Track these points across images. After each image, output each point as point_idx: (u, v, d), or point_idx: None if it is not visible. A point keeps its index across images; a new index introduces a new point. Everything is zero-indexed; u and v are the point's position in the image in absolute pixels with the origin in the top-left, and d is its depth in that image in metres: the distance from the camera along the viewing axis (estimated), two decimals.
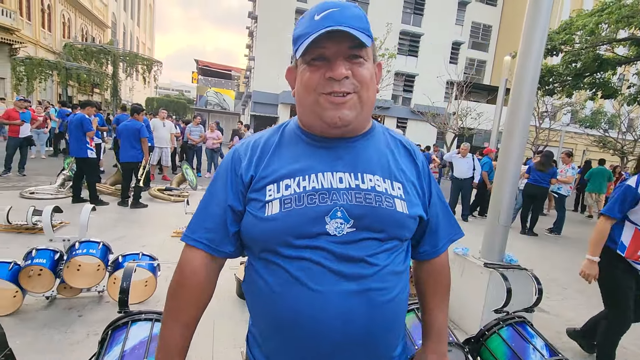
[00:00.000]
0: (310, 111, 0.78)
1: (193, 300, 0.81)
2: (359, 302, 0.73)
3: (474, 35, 27.42)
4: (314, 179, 0.77)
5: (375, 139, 0.85)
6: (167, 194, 6.57)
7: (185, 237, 0.82)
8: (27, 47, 20.04)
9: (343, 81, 0.72)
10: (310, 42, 0.70)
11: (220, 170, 0.84)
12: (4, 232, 3.97)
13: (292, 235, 0.74)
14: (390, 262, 0.78)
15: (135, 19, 41.78)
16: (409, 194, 0.82)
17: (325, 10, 0.72)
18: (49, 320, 2.43)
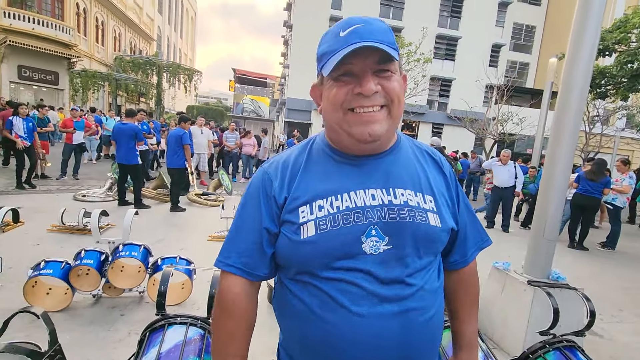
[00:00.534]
0: (339, 127, 0.76)
1: (240, 329, 0.80)
2: (398, 323, 0.72)
3: (516, 37, 26.20)
4: (347, 198, 0.75)
5: (403, 152, 0.84)
6: (204, 199, 6.81)
7: (219, 262, 0.81)
8: (82, 60, 21.82)
9: (373, 97, 0.71)
10: (337, 62, 0.69)
11: (251, 193, 0.82)
12: (59, 232, 4.30)
13: (330, 257, 0.73)
14: (427, 279, 0.77)
15: (178, 32, 44.22)
16: (440, 207, 0.81)
17: (350, 27, 0.71)
18: (94, 318, 2.58)
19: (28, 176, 6.56)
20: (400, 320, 0.73)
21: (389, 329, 0.72)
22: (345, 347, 0.72)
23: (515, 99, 19.37)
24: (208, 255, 4.00)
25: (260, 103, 31.83)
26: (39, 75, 19.85)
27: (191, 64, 48.70)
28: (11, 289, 2.76)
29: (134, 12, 29.26)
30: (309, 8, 22.79)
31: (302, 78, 23.27)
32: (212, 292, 1.91)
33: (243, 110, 31.10)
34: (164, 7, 37.95)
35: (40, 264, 2.54)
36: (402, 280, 0.74)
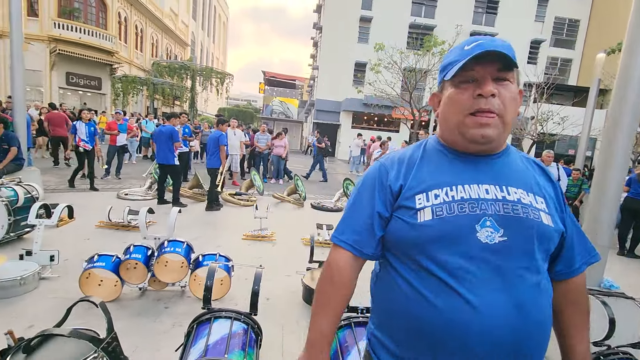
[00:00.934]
0: (456, 129, 0.84)
1: (344, 295, 0.90)
2: (516, 315, 0.75)
3: (558, 32, 24.85)
4: (461, 189, 0.82)
5: (511, 158, 0.90)
6: (237, 199, 6.99)
7: (334, 237, 0.92)
8: (123, 66, 23.08)
9: (490, 99, 0.78)
10: (461, 66, 0.79)
11: (366, 181, 0.92)
12: (106, 228, 4.57)
13: (445, 241, 0.78)
14: (541, 276, 0.80)
15: (211, 36, 45.70)
16: (551, 209, 0.84)
17: (476, 42, 0.81)
18: (141, 309, 2.72)
19: (90, 179, 6.86)
20: (519, 313, 0.75)
21: (507, 321, 0.74)
22: (456, 333, 0.75)
23: (556, 97, 18.38)
24: (243, 254, 4.13)
25: (289, 104, 32.23)
26: (84, 81, 21.21)
27: (223, 67, 50.14)
28: (67, 280, 2.97)
29: (170, 19, 30.56)
30: (339, 9, 22.81)
31: (331, 79, 23.35)
32: (255, 288, 1.97)
33: (272, 112, 31.62)
34: (197, 13, 39.36)
35: (94, 257, 2.72)
36: (517, 272, 0.77)
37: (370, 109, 20.53)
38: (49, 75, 19.59)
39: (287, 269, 3.73)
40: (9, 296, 2.68)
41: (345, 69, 23.13)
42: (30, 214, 3.24)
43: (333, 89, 23.26)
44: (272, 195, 7.63)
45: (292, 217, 6.36)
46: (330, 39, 23.30)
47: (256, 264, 3.55)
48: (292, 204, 7.25)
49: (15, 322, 2.40)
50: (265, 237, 4.79)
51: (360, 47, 22.77)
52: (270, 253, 4.30)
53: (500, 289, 0.75)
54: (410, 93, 14.75)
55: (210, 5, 44.23)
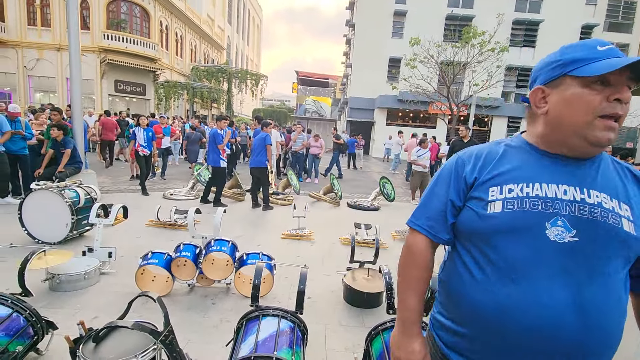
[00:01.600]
0: (577, 130, 0.82)
1: (422, 274, 0.97)
2: (574, 313, 0.76)
3: (612, 15, 22.86)
4: (538, 187, 0.83)
5: (603, 163, 0.89)
6: (275, 198, 7.13)
7: (411, 222, 1.00)
8: (165, 72, 24.32)
9: (624, 105, 0.80)
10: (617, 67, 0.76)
11: (443, 172, 0.98)
12: (155, 227, 4.85)
13: (512, 233, 0.81)
14: (613, 282, 0.79)
15: (245, 39, 46.92)
16: (637, 217, 0.83)
17: (607, 45, 0.82)
18: (191, 305, 2.86)
19: (142, 184, 7.02)
20: (578, 311, 0.76)
21: (564, 317, 0.76)
22: (515, 322, 0.78)
23: None
24: (282, 252, 4.21)
25: (322, 103, 32.35)
26: (130, 88, 22.63)
27: (257, 69, 51.33)
28: (124, 275, 3.19)
29: (207, 25, 31.73)
30: (372, 4, 22.48)
31: (365, 76, 23.10)
32: (301, 288, 2.00)
33: (306, 111, 31.91)
34: (232, 18, 40.56)
35: (148, 254, 2.90)
36: (585, 274, 0.77)
37: (406, 105, 20.08)
38: (100, 83, 21.10)
39: (326, 269, 3.75)
40: (75, 289, 2.92)
41: (379, 65, 22.78)
42: (91, 214, 3.52)
43: (367, 86, 23.01)
44: (308, 195, 7.70)
45: (329, 216, 6.39)
46: (364, 36, 23.04)
47: (295, 262, 3.62)
48: (328, 203, 7.28)
49: (81, 313, 2.61)
50: (304, 236, 4.85)
51: (394, 43, 22.32)
52: (308, 252, 4.35)
53: (562, 286, 0.76)
54: (448, 87, 14.25)
55: (245, 8, 45.39)
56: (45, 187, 3.91)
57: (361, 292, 2.94)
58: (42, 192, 3.89)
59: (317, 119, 31.14)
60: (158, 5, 23.40)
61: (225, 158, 6.39)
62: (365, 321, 2.78)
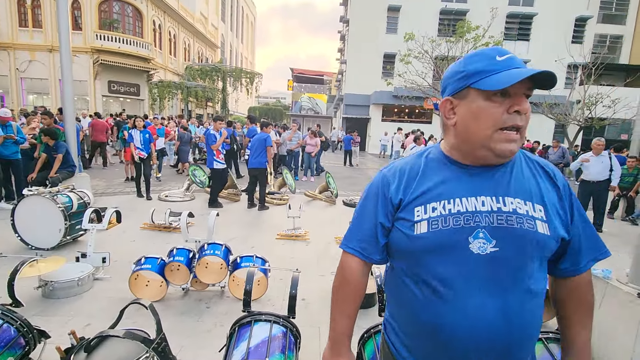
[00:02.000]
0: (481, 142, 0.83)
1: (353, 296, 1.00)
2: (499, 319, 0.80)
3: (606, 7, 22.85)
4: (459, 202, 0.85)
5: (516, 165, 0.90)
6: (270, 198, 7.12)
7: (343, 245, 1.01)
8: (158, 72, 24.15)
9: (522, 115, 0.82)
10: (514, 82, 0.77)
11: (370, 191, 0.98)
12: (150, 230, 4.84)
13: (440, 252, 0.84)
14: (530, 282, 0.83)
15: (239, 37, 46.64)
16: (550, 216, 0.86)
17: (506, 55, 0.83)
18: (185, 309, 2.86)
19: (139, 186, 6.85)
20: (503, 317, 0.80)
21: (491, 325, 0.80)
22: (449, 335, 0.82)
23: (605, 78, 16.95)
24: (277, 253, 4.21)
25: (318, 100, 32.27)
26: (124, 88, 22.48)
27: (251, 67, 51.09)
28: (117, 280, 3.18)
29: (201, 23, 31.51)
30: (366, 1, 22.38)
31: (360, 73, 23.05)
32: (292, 292, 2.00)
33: (301, 109, 31.82)
34: (226, 16, 40.29)
35: (141, 259, 2.89)
36: (506, 280, 0.81)
37: (401, 101, 20.07)
38: (93, 84, 20.95)
39: (321, 269, 3.76)
40: (68, 296, 2.91)
41: (374, 61, 22.72)
42: (84, 219, 3.50)
43: (362, 83, 22.96)
44: (304, 194, 7.70)
45: (324, 214, 6.39)
46: (358, 32, 22.96)
47: (290, 264, 3.62)
48: (324, 202, 7.28)
49: (74, 320, 2.61)
50: (299, 236, 4.85)
51: (388, 38, 22.26)
52: (304, 252, 4.36)
53: (488, 296, 0.80)
54: None
55: (238, 6, 45.09)
56: (37, 192, 3.88)
57: None
58: (35, 198, 3.86)
59: (313, 116, 31.10)
60: (151, 4, 23.20)
61: (221, 159, 6.35)
62: (359, 322, 2.74)
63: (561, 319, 0.98)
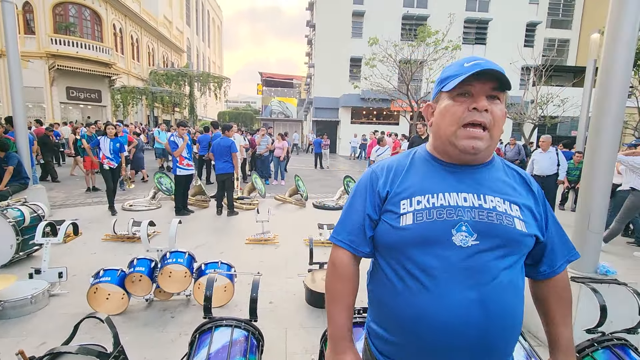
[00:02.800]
0: (448, 139, 0.91)
1: (348, 287, 1.00)
2: (479, 310, 0.83)
3: (553, 13, 24.52)
4: (442, 197, 0.90)
5: (495, 169, 0.97)
6: (240, 203, 7.06)
7: (332, 237, 1.04)
8: (121, 77, 23.25)
9: (483, 113, 0.87)
10: (462, 79, 0.85)
11: (359, 187, 1.02)
12: (112, 241, 4.66)
13: (423, 243, 0.87)
14: (509, 276, 0.88)
15: (206, 41, 45.75)
16: (526, 216, 0.92)
17: (474, 60, 0.88)
18: (148, 320, 2.80)
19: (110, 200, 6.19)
20: (481, 307, 0.83)
21: (470, 314, 0.83)
22: (430, 326, 0.85)
23: (555, 79, 18.18)
24: (247, 258, 4.20)
25: (288, 104, 32.24)
26: (84, 95, 21.43)
27: (219, 71, 50.25)
28: (76, 296, 3.06)
29: (165, 27, 30.66)
30: (331, 5, 22.71)
31: (328, 76, 23.30)
32: (253, 295, 2.02)
33: (271, 112, 31.66)
34: (191, 19, 39.43)
35: (100, 272, 2.80)
36: (486, 272, 0.85)
37: (369, 104, 20.48)
38: (50, 91, 19.82)
39: (289, 272, 3.79)
40: (21, 315, 2.77)
41: (341, 65, 23.06)
42: (37, 233, 3.33)
43: (330, 86, 23.22)
44: (274, 197, 7.69)
45: (294, 218, 6.42)
46: (324, 36, 23.22)
47: (259, 268, 3.63)
48: (294, 205, 7.31)
49: (27, 340, 2.48)
50: (268, 240, 4.85)
51: (354, 42, 22.68)
52: (273, 256, 4.37)
53: (468, 287, 0.84)
54: (407, 85, 14.69)
55: (204, 10, 44.27)
56: None
57: (321, 293, 3.00)
58: None
59: (284, 120, 31.03)
60: (110, 8, 22.33)
61: (185, 165, 6.22)
62: (325, 322, 2.84)
63: (545, 319, 1.04)
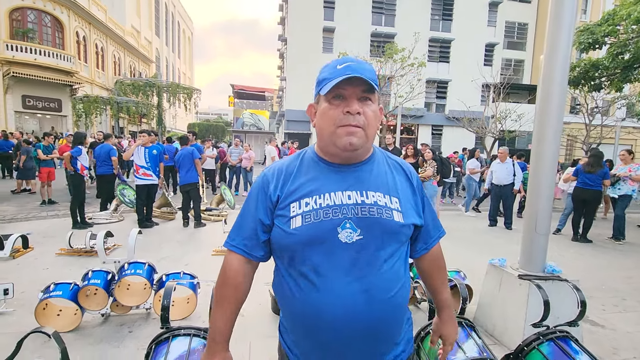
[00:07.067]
0: (328, 138, 0.96)
1: (234, 295, 1.01)
2: (363, 299, 0.90)
3: (509, 35, 26.36)
4: (328, 197, 0.95)
5: (376, 163, 1.04)
6: (207, 214, 6.91)
7: (227, 243, 1.05)
8: (84, 86, 22.30)
9: (356, 116, 0.91)
10: (334, 84, 0.90)
11: (252, 191, 1.05)
12: (67, 255, 4.41)
13: (312, 243, 0.92)
14: (390, 263, 0.95)
15: (176, 52, 45.05)
16: (404, 206, 1.00)
17: (346, 63, 0.94)
18: (104, 336, 2.66)
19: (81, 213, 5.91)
20: (365, 296, 0.90)
21: (356, 304, 0.89)
22: (322, 319, 0.90)
23: (512, 96, 19.45)
24: (212, 270, 4.08)
25: (260, 116, 32.14)
26: (43, 104, 20.33)
27: (190, 82, 49.45)
28: (24, 313, 2.86)
29: (132, 37, 29.93)
30: (302, 21, 23.17)
31: (299, 89, 23.55)
32: (212, 304, 1.99)
33: (243, 125, 31.41)
34: (161, 30, 38.78)
35: (50, 286, 2.64)
36: (370, 263, 0.92)
37: None
38: (4, 99, 18.64)
39: (256, 282, 3.73)
40: None
41: (312, 78, 22.40)
42: None
43: (302, 99, 23.45)
44: None
45: None
46: (296, 50, 23.58)
47: None
48: None
49: None
50: None
51: (325, 57, 23.15)
52: None
53: (354, 280, 0.90)
54: None
55: (174, 21, 43.72)
56: None
57: None
58: None
59: (255, 132, 30.86)
60: (73, 15, 21.54)
61: (141, 175, 6.01)
62: None
63: (429, 287, 1.18)
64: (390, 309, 0.94)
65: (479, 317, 2.96)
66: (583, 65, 9.03)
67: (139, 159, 6.02)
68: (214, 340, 1.01)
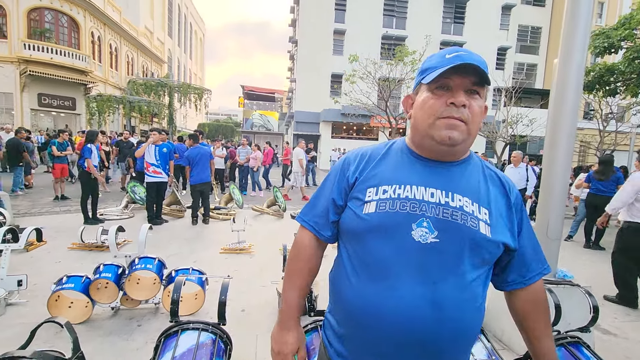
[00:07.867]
0: (425, 131, 0.88)
1: (305, 269, 1.02)
2: (429, 308, 0.81)
3: (522, 39, 26.09)
4: (409, 189, 0.88)
5: (471, 167, 0.94)
6: (216, 213, 6.97)
7: (299, 218, 1.06)
8: (98, 85, 22.72)
9: (460, 108, 0.84)
10: (440, 73, 0.83)
11: (332, 171, 1.04)
12: (79, 250, 4.49)
13: (382, 233, 0.85)
14: (469, 280, 0.84)
15: (188, 53, 45.58)
16: (495, 221, 0.88)
17: (456, 52, 0.85)
18: (113, 329, 2.70)
19: (93, 210, 6.02)
20: (432, 306, 0.81)
21: (419, 311, 0.81)
22: (376, 317, 0.83)
23: (524, 101, 19.17)
24: (220, 267, 4.14)
25: (269, 117, 32.37)
26: (58, 102, 20.74)
27: (201, 83, 49.96)
28: (36, 304, 2.92)
29: (145, 37, 30.39)
30: (313, 23, 23.27)
31: (309, 91, 23.66)
32: (222, 298, 2.01)
33: (252, 125, 31.65)
34: (173, 31, 39.29)
35: (62, 278, 2.69)
36: (442, 272, 0.82)
37: (349, 119, 20.86)
38: (20, 97, 19.09)
39: (263, 280, 3.76)
40: None
41: (322, 80, 23.50)
42: None
43: (311, 101, 23.55)
44: (251, 208, 7.64)
45: (271, 228, 6.39)
46: (306, 52, 23.68)
47: (233, 276, 3.58)
48: (271, 216, 7.28)
49: None
50: (243, 249, 4.80)
51: (335, 59, 23.23)
52: (247, 265, 4.32)
53: (420, 283, 0.81)
54: (386, 102, 15.11)
55: (186, 22, 44.27)
56: None
57: None
58: None
59: (265, 133, 31.05)
60: (89, 16, 21.98)
61: (151, 172, 6.09)
62: None
63: (525, 333, 0.99)
64: (462, 332, 0.84)
65: (488, 322, 2.93)
66: (598, 69, 8.89)
67: (150, 157, 6.10)
68: (288, 315, 1.00)
